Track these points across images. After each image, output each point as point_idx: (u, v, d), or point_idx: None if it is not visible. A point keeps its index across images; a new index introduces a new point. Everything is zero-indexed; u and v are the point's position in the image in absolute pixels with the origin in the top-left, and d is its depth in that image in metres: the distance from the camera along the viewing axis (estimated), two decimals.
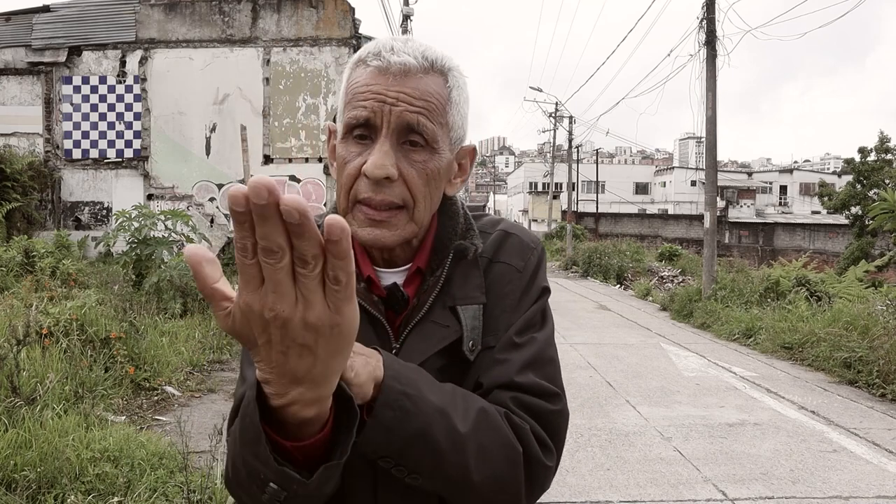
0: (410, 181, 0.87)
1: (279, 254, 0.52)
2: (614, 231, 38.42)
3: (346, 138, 0.89)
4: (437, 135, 0.88)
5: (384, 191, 0.85)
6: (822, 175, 53.04)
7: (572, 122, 32.63)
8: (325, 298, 0.55)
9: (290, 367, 0.59)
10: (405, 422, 0.76)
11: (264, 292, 0.55)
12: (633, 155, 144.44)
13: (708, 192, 13.12)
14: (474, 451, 0.81)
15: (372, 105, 0.85)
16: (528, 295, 0.96)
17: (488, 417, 0.84)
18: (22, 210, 13.88)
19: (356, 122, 0.86)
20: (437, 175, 0.90)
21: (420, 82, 0.87)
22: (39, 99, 15.59)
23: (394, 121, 0.85)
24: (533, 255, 0.99)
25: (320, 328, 0.56)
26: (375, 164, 0.84)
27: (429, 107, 0.87)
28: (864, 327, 7.63)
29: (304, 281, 0.54)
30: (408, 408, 0.76)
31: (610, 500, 3.94)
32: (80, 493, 3.23)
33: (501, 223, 1.03)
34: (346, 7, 15.49)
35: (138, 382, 5.57)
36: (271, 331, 0.56)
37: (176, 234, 9.08)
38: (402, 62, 0.86)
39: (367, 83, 0.87)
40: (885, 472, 4.48)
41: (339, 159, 0.90)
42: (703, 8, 12.63)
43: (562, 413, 0.92)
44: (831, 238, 26.64)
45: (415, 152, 0.87)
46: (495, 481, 0.83)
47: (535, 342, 0.93)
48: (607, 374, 7.32)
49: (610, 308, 13.79)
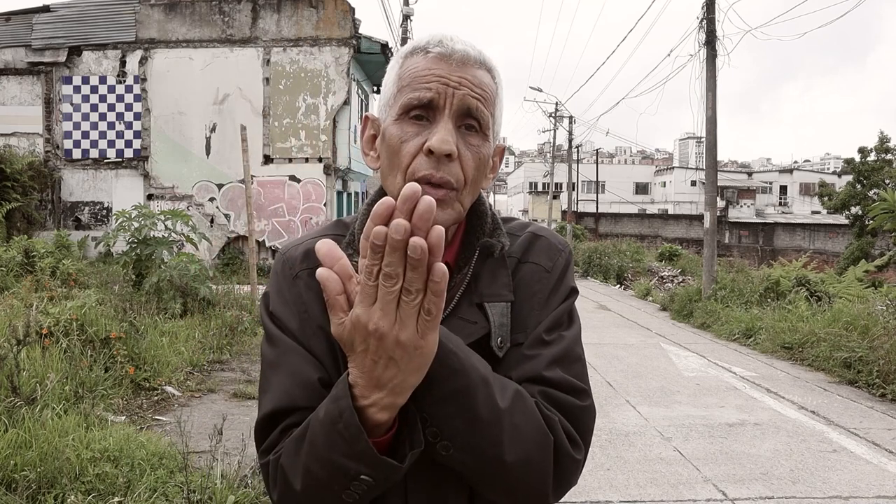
0: (465, 162, 0.90)
1: (395, 280, 0.66)
2: (614, 231, 38.42)
3: (401, 119, 0.91)
4: (489, 123, 0.93)
5: (443, 168, 0.88)
6: (822, 175, 53.03)
7: (572, 122, 32.66)
8: (416, 324, 0.68)
9: (377, 373, 0.72)
10: (450, 379, 0.78)
11: (374, 310, 0.68)
12: (633, 155, 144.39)
13: (708, 192, 13.12)
14: (509, 429, 0.81)
15: (437, 87, 0.89)
16: (556, 294, 0.98)
17: (524, 400, 0.85)
18: (22, 210, 13.89)
19: (418, 102, 0.89)
20: (486, 162, 0.94)
21: (477, 72, 0.92)
22: (39, 99, 15.60)
23: (456, 103, 0.89)
24: (561, 257, 1.01)
25: (408, 347, 0.69)
26: (442, 139, 0.87)
27: (485, 95, 0.92)
28: (864, 327, 7.63)
29: (405, 307, 0.67)
30: (455, 366, 0.79)
31: (610, 500, 3.94)
32: (80, 493, 3.23)
33: (531, 226, 1.05)
34: (346, 7, 15.49)
35: (138, 382, 5.56)
36: (370, 341, 0.70)
37: (176, 234, 9.08)
38: (463, 50, 0.91)
39: (430, 67, 0.90)
40: (885, 472, 4.48)
41: (393, 139, 0.91)
42: (703, 8, 12.63)
43: (590, 410, 0.92)
44: (831, 238, 26.64)
45: (470, 136, 0.91)
46: (526, 465, 0.83)
47: (563, 339, 0.94)
48: (607, 374, 7.32)
49: (610, 308, 13.79)
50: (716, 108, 12.68)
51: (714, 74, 12.59)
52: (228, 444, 4.02)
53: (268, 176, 15.41)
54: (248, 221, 10.00)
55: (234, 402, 5.60)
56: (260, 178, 15.11)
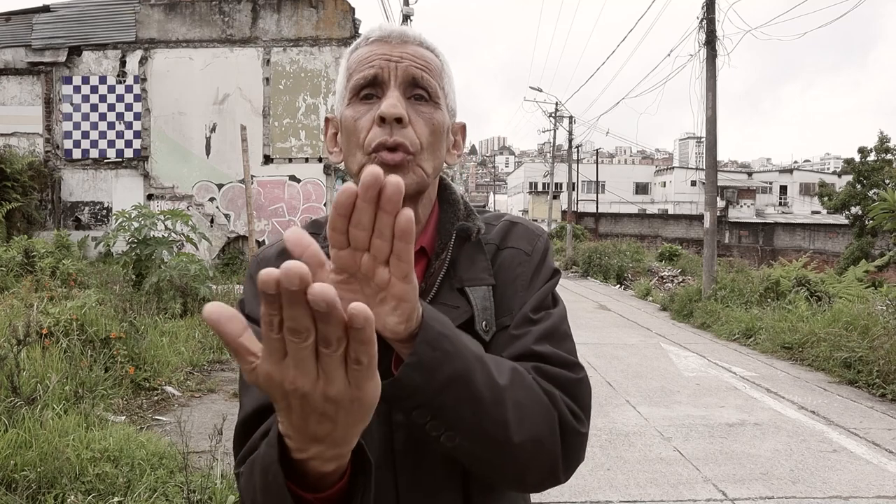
0: (418, 127, 0.92)
1: (304, 334, 0.52)
2: (614, 231, 38.42)
3: (353, 102, 0.94)
4: (438, 91, 0.95)
5: (395, 133, 0.89)
6: (822, 175, 53.03)
7: (572, 122, 32.64)
8: (346, 375, 0.56)
9: (310, 430, 0.60)
10: (445, 363, 0.73)
11: (286, 366, 0.55)
12: (633, 155, 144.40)
13: (708, 192, 13.12)
14: (512, 408, 0.78)
15: (379, 62, 0.92)
16: (539, 275, 0.98)
17: (522, 376, 0.83)
18: (22, 210, 13.89)
19: (364, 81, 0.92)
20: (441, 129, 0.95)
21: (417, 49, 0.95)
22: (39, 99, 15.59)
23: (400, 74, 0.92)
24: (540, 241, 1.02)
25: (340, 402, 0.57)
26: (390, 104, 0.89)
27: (428, 66, 0.94)
28: (864, 327, 7.63)
29: (326, 360, 0.54)
30: (448, 349, 0.74)
31: (610, 500, 3.94)
32: (80, 493, 3.23)
33: (506, 216, 1.06)
34: (346, 7, 15.49)
35: (138, 382, 5.57)
36: (291, 400, 0.57)
37: (176, 234, 9.08)
38: (400, 31, 0.96)
39: (372, 50, 0.94)
40: (885, 472, 4.48)
41: (347, 120, 0.94)
42: (703, 8, 12.63)
43: (584, 383, 0.91)
44: (831, 238, 26.63)
45: (420, 105, 0.93)
46: (535, 443, 0.80)
47: (550, 316, 0.94)
48: (607, 374, 7.32)
49: (610, 308, 13.79)
50: (716, 108, 12.68)
51: (714, 74, 12.59)
52: (228, 444, 4.01)
53: (268, 176, 15.41)
54: (248, 221, 10.00)
55: (234, 402, 5.59)
56: (260, 178, 15.11)
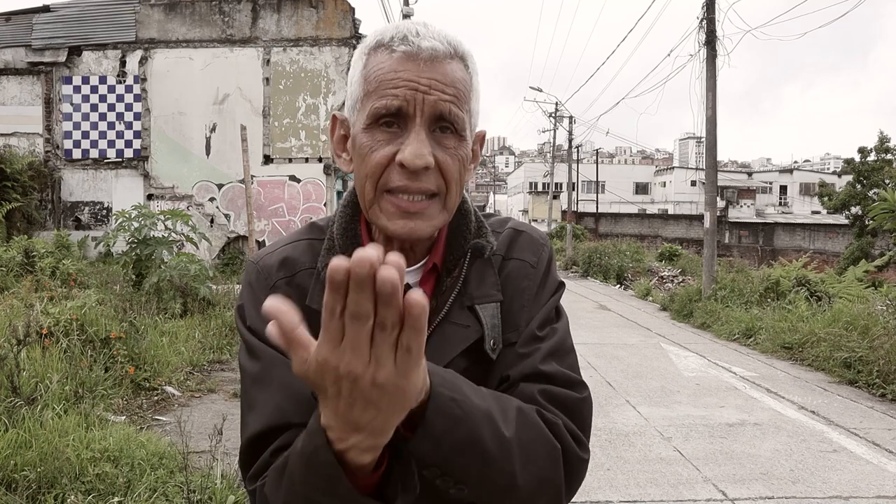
0: (445, 168, 0.85)
1: (365, 318, 0.56)
2: (614, 231, 38.43)
3: (370, 128, 0.86)
4: (465, 123, 0.88)
5: (421, 179, 0.84)
6: (822, 175, 53.03)
7: (572, 122, 32.65)
8: (395, 362, 0.59)
9: (354, 417, 0.62)
10: (455, 429, 0.73)
11: (342, 350, 0.58)
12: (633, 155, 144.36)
13: (708, 192, 13.12)
14: (519, 455, 0.79)
15: (404, 93, 0.83)
16: (544, 289, 0.97)
17: (527, 418, 0.82)
18: (22, 210, 13.89)
19: (386, 111, 0.83)
20: (465, 159, 0.90)
21: (448, 68, 0.85)
22: (39, 99, 15.59)
23: (427, 110, 0.84)
24: (544, 251, 1.00)
25: (386, 387, 0.59)
26: (415, 153, 0.82)
27: (458, 94, 0.86)
28: (864, 327, 7.63)
29: (380, 344, 0.57)
30: (458, 415, 0.73)
31: (610, 500, 3.94)
32: (80, 493, 3.23)
33: (510, 222, 1.03)
34: (346, 7, 15.50)
35: (138, 382, 5.57)
36: (342, 384, 0.60)
37: (176, 233, 9.08)
38: (431, 47, 0.84)
39: (395, 69, 0.84)
40: (885, 472, 4.48)
41: (361, 148, 0.86)
42: (703, 8, 12.63)
43: (587, 401, 0.91)
44: (831, 238, 26.64)
45: (445, 138, 0.86)
46: (539, 482, 0.81)
47: (555, 333, 0.94)
48: (607, 374, 7.32)
49: (610, 308, 13.79)
50: (716, 108, 12.68)
51: (714, 74, 12.59)
52: (228, 444, 4.02)
53: (268, 176, 15.41)
54: (248, 221, 10.00)
55: (234, 402, 5.59)
56: (260, 178, 15.11)
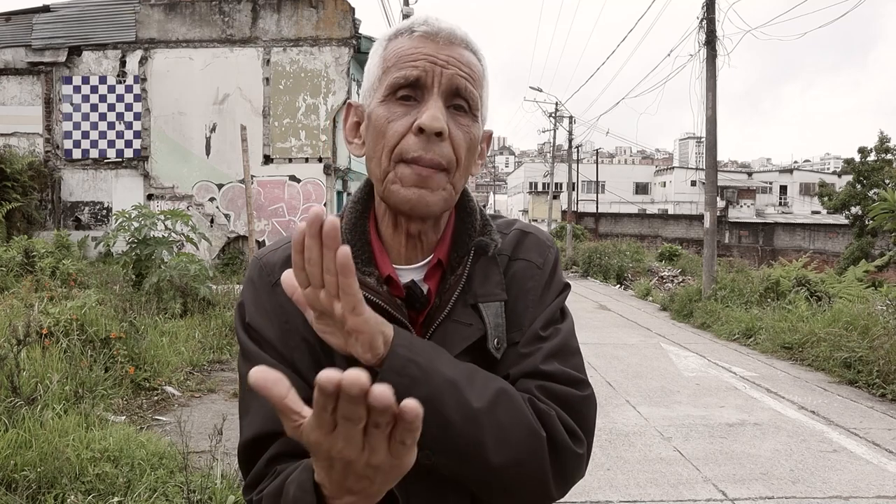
0: (456, 142, 0.87)
1: (358, 421, 0.56)
2: (614, 231, 38.42)
3: (388, 100, 0.88)
4: (478, 104, 0.90)
5: (434, 148, 0.85)
6: (822, 175, 53.02)
7: (572, 122, 32.64)
8: (388, 448, 0.59)
9: (348, 485, 0.63)
10: (411, 389, 0.74)
11: (334, 438, 0.58)
12: (633, 155, 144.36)
13: (708, 192, 13.12)
14: (491, 430, 0.79)
15: (424, 65, 0.86)
16: (549, 290, 0.97)
17: (509, 398, 0.83)
18: (22, 210, 13.89)
19: (405, 81, 0.86)
20: (476, 144, 0.92)
21: (464, 52, 0.90)
22: (39, 99, 15.59)
23: (445, 82, 0.86)
24: (550, 253, 1.00)
25: (380, 467, 0.61)
26: (433, 116, 0.84)
27: (472, 75, 0.89)
28: (864, 327, 7.63)
29: (374, 437, 0.58)
30: (415, 375, 0.76)
31: (610, 500, 3.94)
32: (80, 493, 3.23)
33: (517, 223, 1.04)
34: (346, 7, 15.50)
35: (138, 382, 5.57)
36: (335, 463, 0.61)
37: (176, 233, 9.08)
38: (449, 29, 0.89)
39: (416, 46, 0.88)
40: (885, 472, 4.48)
41: (380, 120, 0.88)
42: (703, 8, 12.63)
43: (590, 399, 0.91)
44: (831, 238, 26.63)
45: (460, 116, 0.88)
46: (517, 466, 0.81)
47: (558, 333, 0.94)
48: (607, 374, 7.32)
49: (610, 308, 13.80)
50: (716, 108, 12.68)
51: (714, 74, 12.59)
52: (228, 444, 4.02)
53: (268, 176, 15.41)
54: (248, 221, 10.00)
55: (234, 402, 5.60)
56: (260, 178, 15.12)
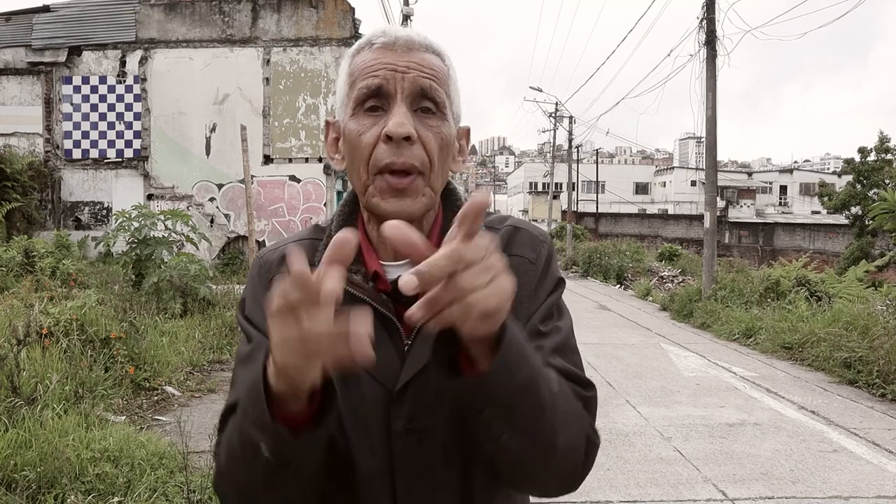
0: (427, 143, 0.88)
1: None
2: (614, 231, 38.42)
3: (356, 113, 0.90)
4: (446, 102, 0.91)
5: (404, 153, 0.86)
6: (822, 175, 53.04)
7: (572, 122, 32.65)
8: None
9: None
10: (522, 366, 0.75)
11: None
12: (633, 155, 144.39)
13: (708, 192, 13.12)
14: (560, 413, 0.81)
15: (384, 73, 0.88)
16: (544, 284, 0.96)
17: (564, 386, 0.85)
18: (22, 210, 13.88)
19: (368, 91, 0.88)
20: (449, 142, 0.92)
21: (424, 56, 0.91)
22: (39, 99, 15.59)
23: (407, 86, 0.88)
24: (544, 248, 0.99)
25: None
26: (398, 122, 0.85)
27: (436, 75, 0.90)
28: (864, 327, 7.63)
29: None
30: (525, 353, 0.77)
31: (610, 500, 3.94)
32: (80, 493, 3.23)
33: (509, 219, 1.03)
34: (346, 7, 15.49)
35: (138, 382, 5.57)
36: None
37: (176, 234, 9.08)
38: (407, 36, 0.91)
39: (376, 57, 0.89)
40: (885, 472, 4.48)
41: (350, 134, 0.90)
42: (703, 8, 12.64)
43: (594, 399, 0.93)
44: (831, 238, 26.63)
45: (428, 118, 0.89)
46: (571, 451, 0.83)
47: (559, 331, 0.94)
48: (607, 374, 7.32)
49: (610, 308, 13.79)
50: (716, 108, 12.68)
51: (714, 74, 12.59)
52: None
53: (268, 176, 15.41)
54: (248, 221, 10.00)
55: None
56: (260, 178, 15.11)
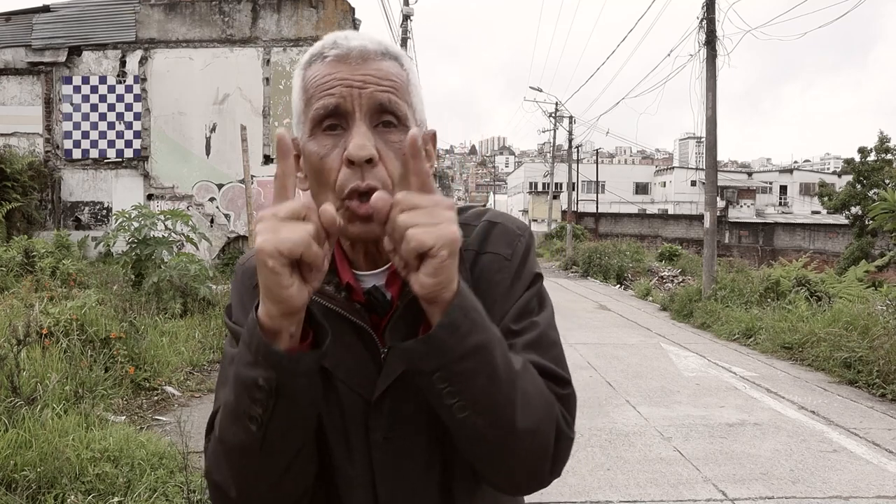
0: (389, 163, 0.84)
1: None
2: (614, 231, 38.43)
3: (315, 133, 0.86)
4: (407, 113, 0.87)
5: (367, 175, 0.83)
6: (822, 175, 53.04)
7: (572, 122, 32.66)
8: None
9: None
10: (475, 331, 0.76)
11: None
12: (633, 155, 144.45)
13: (708, 192, 13.12)
14: (521, 393, 0.80)
15: (340, 90, 0.84)
16: (519, 281, 0.94)
17: (530, 368, 0.84)
18: (22, 210, 13.88)
19: (325, 111, 0.84)
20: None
21: (381, 64, 0.87)
22: (39, 99, 15.59)
23: (365, 103, 0.84)
24: (520, 242, 0.96)
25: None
26: (359, 145, 0.82)
27: (395, 86, 0.86)
28: (864, 327, 7.62)
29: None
30: (477, 320, 0.77)
31: (610, 500, 3.94)
32: (80, 493, 3.23)
33: (486, 213, 1.00)
34: (346, 7, 15.49)
35: (138, 382, 5.57)
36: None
37: (176, 234, 9.08)
38: (360, 45, 0.86)
39: (329, 72, 0.85)
40: (885, 472, 4.48)
41: (313, 157, 0.86)
42: (703, 8, 12.63)
43: (572, 396, 0.91)
44: (831, 238, 26.63)
45: (389, 133, 0.86)
46: (535, 434, 0.82)
47: (535, 326, 0.91)
48: (607, 374, 7.32)
49: (610, 308, 13.79)
50: (716, 108, 12.68)
51: (714, 74, 12.59)
52: None
53: (268, 176, 15.40)
54: (248, 221, 10.00)
55: None
56: (260, 178, 15.11)
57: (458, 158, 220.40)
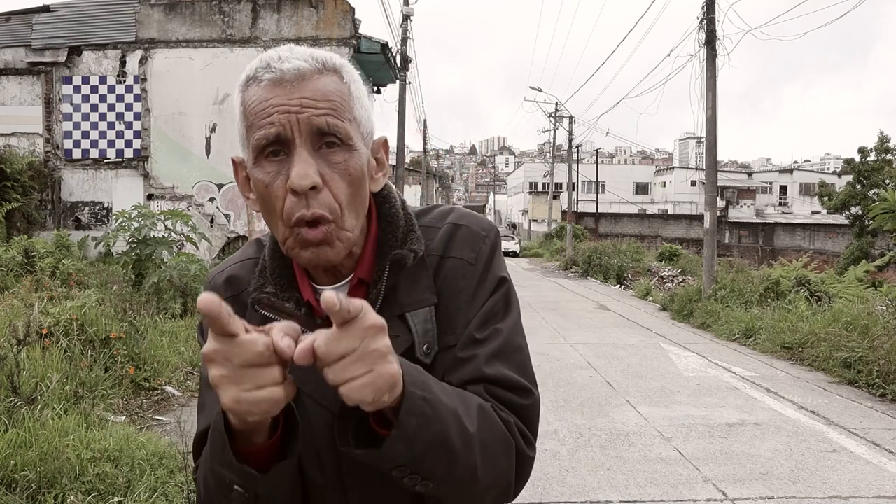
0: (334, 186, 0.83)
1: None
2: (614, 231, 38.43)
3: (258, 161, 0.85)
4: (349, 131, 0.85)
5: (312, 203, 0.82)
6: (822, 175, 53.06)
7: (572, 122, 32.66)
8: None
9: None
10: (426, 428, 0.75)
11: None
12: (633, 155, 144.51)
13: (708, 192, 13.12)
14: (480, 450, 0.81)
15: (278, 118, 0.82)
16: (483, 287, 0.93)
17: (487, 415, 0.84)
18: (22, 210, 13.88)
19: (266, 141, 0.83)
20: (361, 174, 0.87)
21: (318, 83, 0.84)
22: (39, 99, 15.59)
23: (304, 128, 0.82)
24: (485, 244, 0.95)
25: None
26: (299, 174, 0.81)
27: (334, 105, 0.84)
28: (864, 327, 7.62)
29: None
30: (428, 413, 0.75)
31: (610, 500, 3.94)
32: (80, 493, 3.23)
33: (451, 214, 0.99)
34: (346, 7, 15.49)
35: (138, 382, 5.56)
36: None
37: (176, 234, 9.08)
38: (294, 67, 0.84)
39: (266, 98, 0.84)
40: (885, 472, 4.48)
41: (259, 184, 0.85)
42: (703, 8, 12.63)
43: (535, 406, 0.91)
44: (831, 238, 26.63)
45: (333, 154, 0.84)
46: (496, 477, 0.83)
47: (499, 333, 0.91)
48: (607, 374, 7.32)
49: (610, 308, 13.79)
50: (716, 108, 12.68)
51: (714, 74, 12.59)
52: None
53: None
54: (248, 221, 10.00)
55: None
56: None
57: (458, 158, 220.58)
